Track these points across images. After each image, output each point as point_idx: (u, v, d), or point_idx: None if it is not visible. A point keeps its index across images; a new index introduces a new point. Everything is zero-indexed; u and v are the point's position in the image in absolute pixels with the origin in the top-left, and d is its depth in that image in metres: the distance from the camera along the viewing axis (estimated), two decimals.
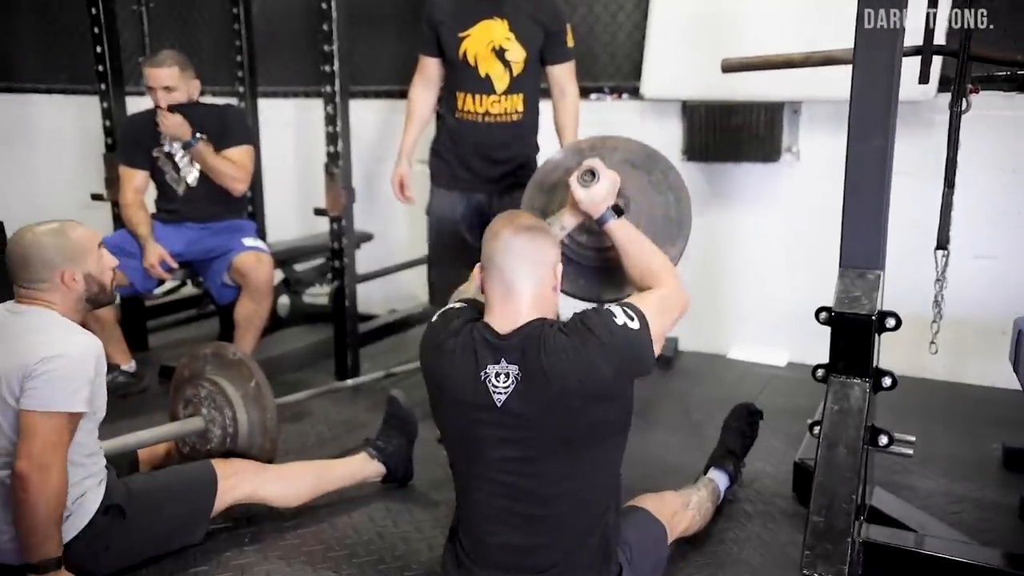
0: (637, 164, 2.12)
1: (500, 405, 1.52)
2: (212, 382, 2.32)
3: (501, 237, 1.57)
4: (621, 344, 1.52)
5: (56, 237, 1.81)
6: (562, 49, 2.60)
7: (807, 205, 3.37)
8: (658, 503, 1.89)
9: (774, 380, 3.31)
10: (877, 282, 1.78)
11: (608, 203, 1.85)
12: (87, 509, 1.83)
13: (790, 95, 3.23)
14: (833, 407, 1.77)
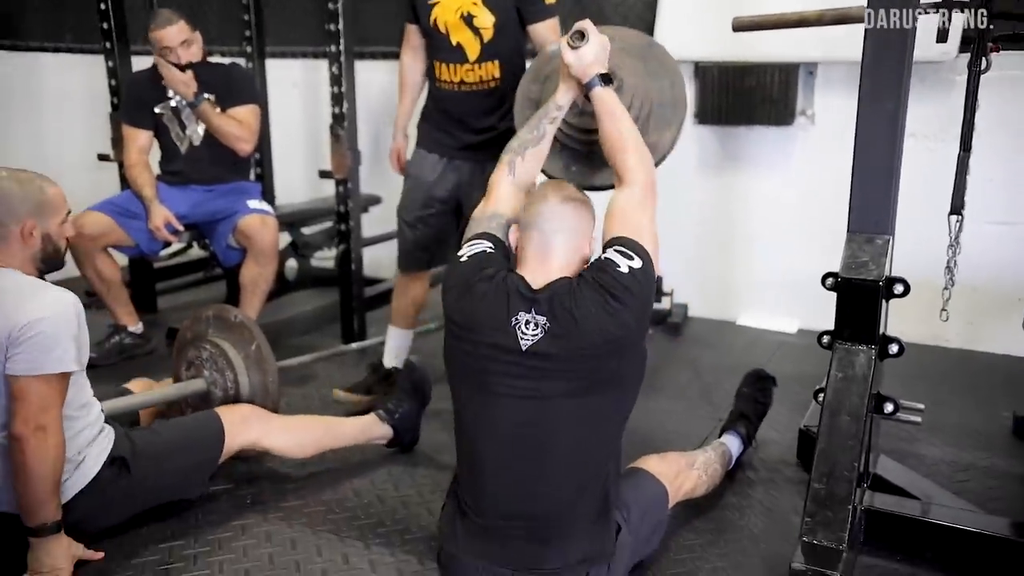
0: (633, 52, 2.09)
1: (525, 350, 1.55)
2: (214, 344, 2.32)
3: (548, 201, 1.65)
4: (635, 293, 1.57)
5: (28, 186, 1.76)
6: (538, 6, 2.46)
7: (821, 169, 3.29)
8: (660, 463, 1.89)
9: (783, 347, 3.28)
10: (885, 247, 1.74)
11: (597, 68, 1.81)
12: (92, 462, 1.83)
13: (806, 56, 3.14)
14: (837, 374, 1.75)
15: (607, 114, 1.81)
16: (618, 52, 1.99)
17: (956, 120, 1.97)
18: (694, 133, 3.48)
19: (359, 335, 3.28)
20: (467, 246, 1.70)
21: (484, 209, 1.81)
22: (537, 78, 2.16)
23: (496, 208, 1.79)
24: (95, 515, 1.86)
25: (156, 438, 1.99)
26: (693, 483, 1.94)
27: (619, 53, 2.01)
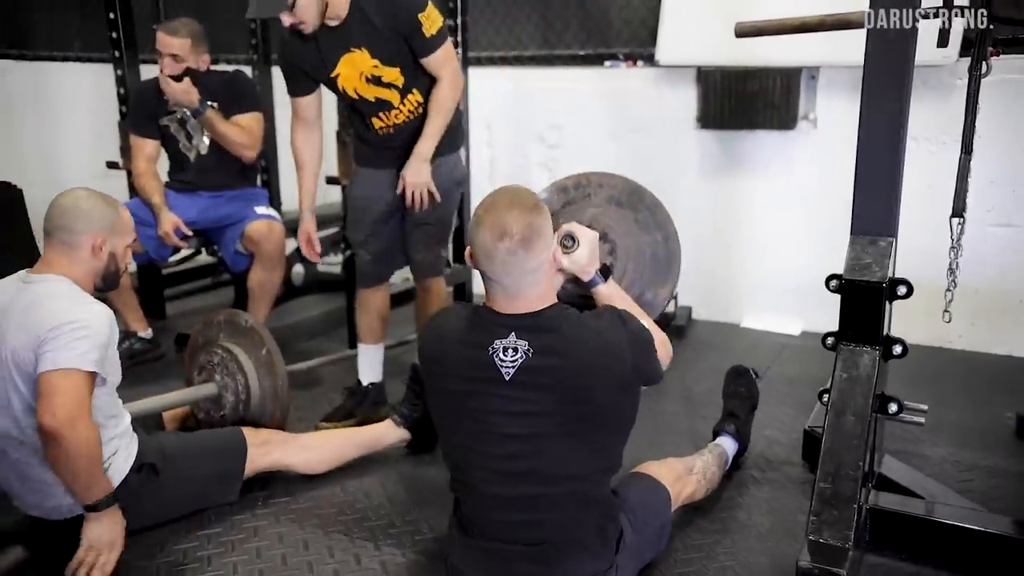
0: (623, 202, 2.07)
1: (508, 379, 1.51)
2: (225, 349, 2.35)
3: (496, 257, 1.49)
4: (637, 332, 1.57)
5: (107, 206, 1.88)
6: (423, 42, 2.34)
7: (823, 173, 3.32)
8: (661, 468, 1.90)
9: (787, 349, 3.30)
10: (889, 249, 1.76)
11: (594, 265, 1.76)
12: (120, 468, 1.88)
13: (807, 60, 3.17)
14: (842, 375, 1.77)
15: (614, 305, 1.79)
16: (606, 203, 2.01)
17: (956, 123, 1.99)
18: (696, 138, 3.51)
19: None
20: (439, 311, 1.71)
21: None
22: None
23: None
24: (129, 517, 1.88)
25: (184, 445, 2.04)
26: (693, 488, 1.96)
27: (608, 205, 2.01)
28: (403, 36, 2.32)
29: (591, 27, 3.65)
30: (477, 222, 1.52)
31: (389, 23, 2.29)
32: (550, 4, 3.74)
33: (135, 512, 1.91)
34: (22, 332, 1.74)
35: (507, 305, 1.55)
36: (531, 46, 3.81)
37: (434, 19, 2.33)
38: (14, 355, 1.75)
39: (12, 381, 1.76)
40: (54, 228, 1.82)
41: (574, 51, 3.71)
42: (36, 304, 1.76)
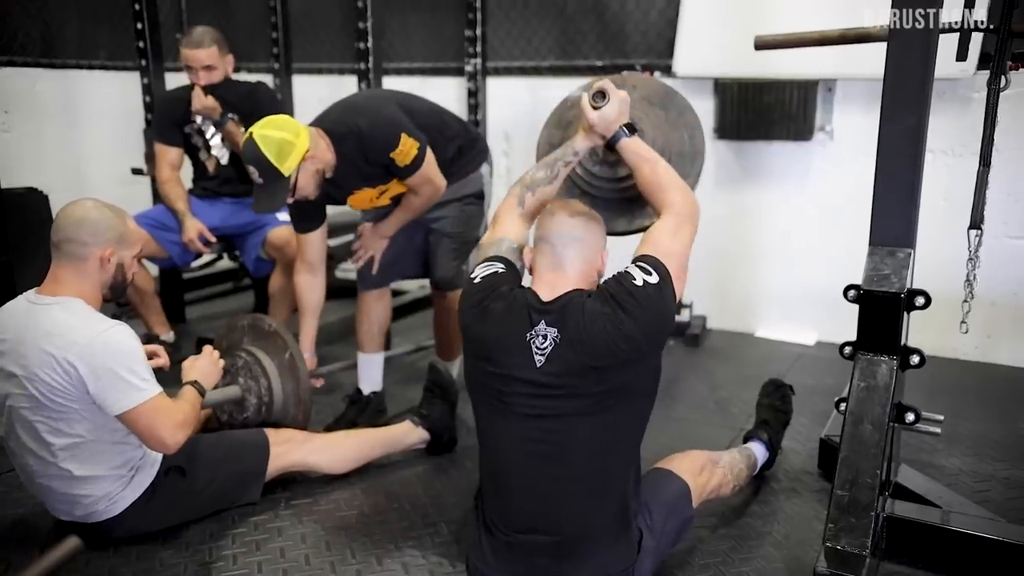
0: (655, 102, 2.14)
1: (539, 366, 1.59)
2: (249, 353, 2.39)
3: (557, 216, 1.70)
4: (646, 306, 1.59)
5: (115, 217, 1.87)
6: (399, 171, 2.40)
7: (840, 184, 3.34)
8: (683, 460, 1.91)
9: (802, 358, 3.31)
10: (907, 260, 1.78)
11: (621, 121, 1.87)
12: (148, 471, 1.93)
13: (824, 73, 3.20)
14: (860, 384, 1.78)
15: (639, 160, 1.86)
16: (640, 102, 2.06)
17: (973, 136, 2.01)
18: (713, 148, 3.53)
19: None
20: (479, 268, 1.76)
21: (492, 236, 1.87)
22: (560, 124, 2.21)
23: (504, 234, 1.85)
24: (153, 519, 1.95)
25: (209, 447, 2.07)
26: (719, 480, 1.96)
27: (641, 103, 2.06)
28: (385, 166, 2.39)
29: (608, 38, 3.69)
30: (548, 209, 1.77)
31: (371, 162, 2.36)
32: (568, 16, 3.79)
33: (164, 512, 1.96)
34: (45, 361, 1.74)
35: (548, 278, 1.67)
36: (549, 56, 3.86)
37: (407, 151, 2.35)
38: (31, 381, 1.76)
39: (28, 408, 1.78)
40: (62, 241, 1.80)
41: (592, 62, 3.75)
42: (56, 334, 1.75)
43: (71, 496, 1.87)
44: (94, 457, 1.84)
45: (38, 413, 1.79)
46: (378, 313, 2.72)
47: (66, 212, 1.84)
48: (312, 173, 2.27)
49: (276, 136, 2.18)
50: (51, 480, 1.85)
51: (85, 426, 1.81)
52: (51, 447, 1.81)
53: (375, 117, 2.36)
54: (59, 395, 1.76)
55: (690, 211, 1.79)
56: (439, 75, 3.98)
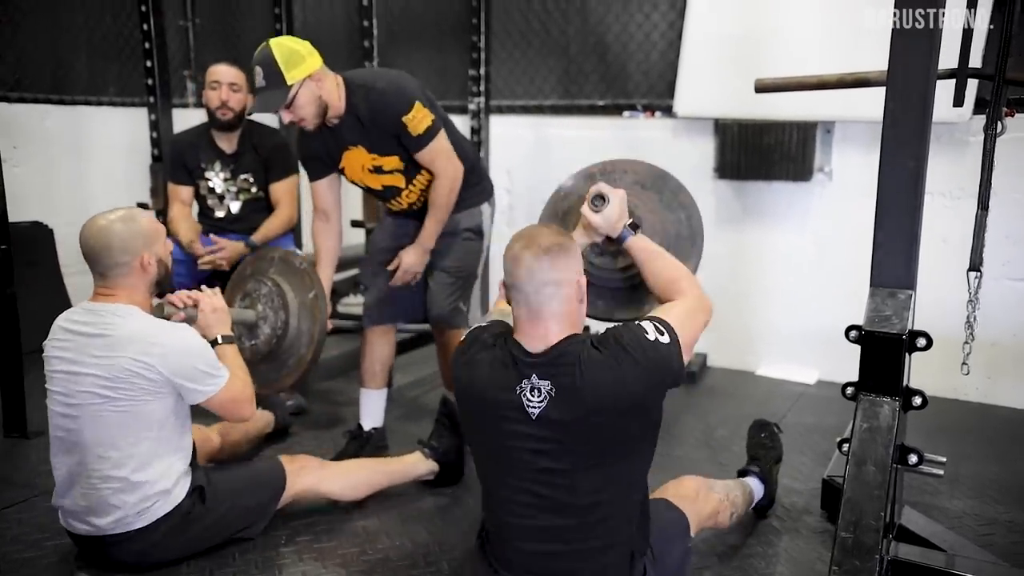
0: (647, 185, 2.14)
1: (535, 418, 1.55)
2: (275, 283, 2.38)
3: (523, 263, 1.56)
4: (654, 360, 1.56)
5: (130, 223, 1.91)
6: (410, 141, 2.40)
7: (839, 224, 3.38)
8: (677, 487, 1.90)
9: (803, 398, 3.31)
10: (908, 302, 1.80)
11: (624, 221, 1.88)
12: (179, 491, 1.95)
13: (823, 115, 3.25)
14: (862, 425, 1.78)
15: (647, 257, 1.88)
16: (632, 187, 2.08)
17: (970, 178, 2.04)
18: (713, 187, 3.58)
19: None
20: (468, 331, 1.75)
21: (489, 313, 1.89)
22: (555, 215, 2.22)
23: (501, 308, 1.82)
24: (172, 542, 1.95)
25: (228, 475, 2.09)
26: (715, 506, 1.94)
27: (633, 188, 2.09)
28: (393, 134, 2.40)
29: (610, 78, 3.75)
30: (512, 241, 1.63)
31: (377, 123, 2.39)
32: (571, 56, 3.85)
33: (180, 538, 1.96)
34: (123, 364, 1.82)
35: (530, 330, 1.58)
36: (552, 96, 3.92)
37: (420, 119, 2.37)
38: (105, 385, 1.84)
39: (97, 409, 1.85)
40: (105, 269, 1.89)
41: (593, 101, 3.80)
42: (135, 339, 1.84)
43: (115, 503, 1.88)
44: (152, 463, 1.89)
45: (109, 413, 1.84)
46: (382, 350, 2.72)
47: (90, 244, 1.89)
48: (314, 99, 2.30)
49: (290, 45, 2.27)
50: (101, 483, 1.87)
51: (153, 431, 1.88)
52: (117, 449, 1.86)
53: (396, 81, 2.41)
54: (134, 399, 1.85)
55: (705, 304, 1.79)
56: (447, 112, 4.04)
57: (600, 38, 3.72)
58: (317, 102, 2.33)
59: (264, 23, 4.31)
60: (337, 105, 2.37)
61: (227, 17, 4.56)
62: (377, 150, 2.45)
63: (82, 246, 1.90)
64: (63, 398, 1.90)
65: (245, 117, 3.16)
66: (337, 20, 4.26)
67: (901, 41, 1.73)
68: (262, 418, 2.70)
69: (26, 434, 2.77)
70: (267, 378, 2.45)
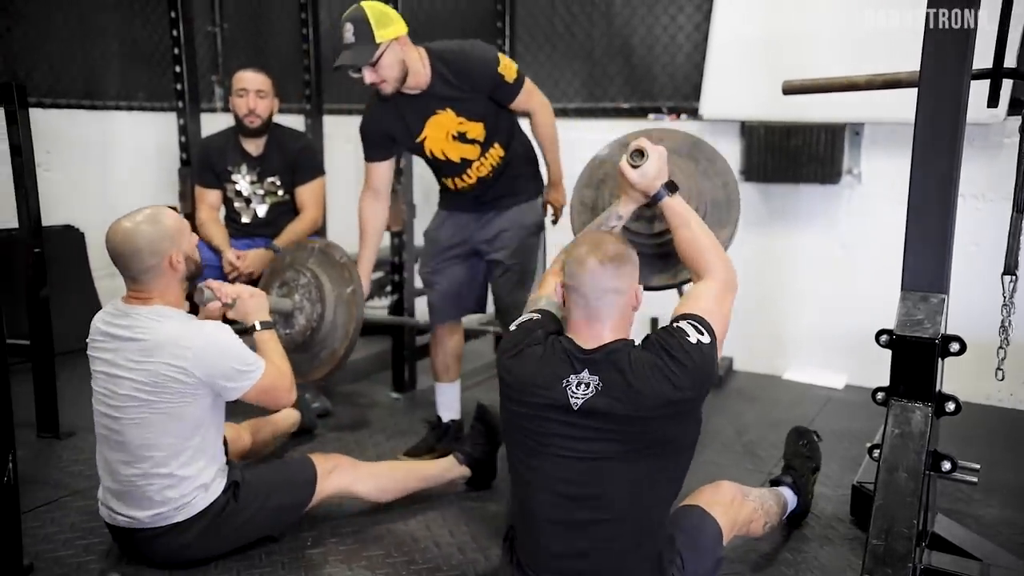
0: (683, 153, 2.14)
1: (577, 408, 1.58)
2: (314, 275, 2.39)
3: (587, 266, 1.62)
4: (699, 363, 1.59)
5: (155, 224, 1.92)
6: (506, 89, 2.48)
7: (868, 227, 3.33)
8: (713, 493, 1.88)
9: (831, 402, 3.27)
10: (941, 306, 1.76)
11: (662, 179, 1.86)
12: (216, 487, 1.98)
13: (851, 117, 3.21)
14: (894, 431, 1.76)
15: (681, 222, 1.87)
16: (669, 154, 2.05)
17: (1004, 180, 2.01)
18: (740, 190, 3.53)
19: (410, 383, 3.35)
20: (519, 319, 1.78)
21: (536, 296, 1.90)
22: (590, 183, 2.22)
23: (547, 294, 1.86)
24: (206, 540, 1.97)
25: (261, 473, 2.11)
26: (748, 514, 1.92)
27: (669, 156, 2.05)
28: (486, 93, 2.47)
29: (635, 81, 3.74)
30: (574, 245, 1.69)
31: (470, 84, 2.45)
32: (595, 58, 3.85)
33: (213, 536, 1.98)
34: (160, 366, 1.85)
35: (585, 330, 1.64)
36: (576, 99, 3.91)
37: (509, 66, 2.50)
38: (146, 385, 1.87)
39: (140, 408, 1.88)
40: (136, 273, 1.91)
41: (618, 104, 3.79)
42: (169, 342, 1.86)
43: (157, 498, 1.91)
44: (193, 460, 1.93)
45: (150, 415, 1.88)
46: (452, 344, 2.79)
47: (118, 249, 1.90)
48: (398, 61, 2.37)
49: (381, 8, 2.36)
50: (143, 479, 1.91)
51: (193, 431, 1.92)
52: (159, 449, 1.89)
53: (474, 43, 2.52)
54: (172, 401, 1.88)
55: (732, 280, 1.80)
56: None
57: (625, 41, 3.70)
58: (400, 65, 2.38)
59: (290, 28, 4.35)
60: (421, 72, 2.42)
61: (254, 22, 4.61)
62: (465, 113, 2.49)
63: (109, 251, 1.92)
64: (105, 398, 1.93)
65: (272, 121, 3.19)
66: None
67: (934, 41, 1.70)
68: (290, 416, 2.73)
69: (58, 434, 2.81)
70: (298, 369, 2.44)
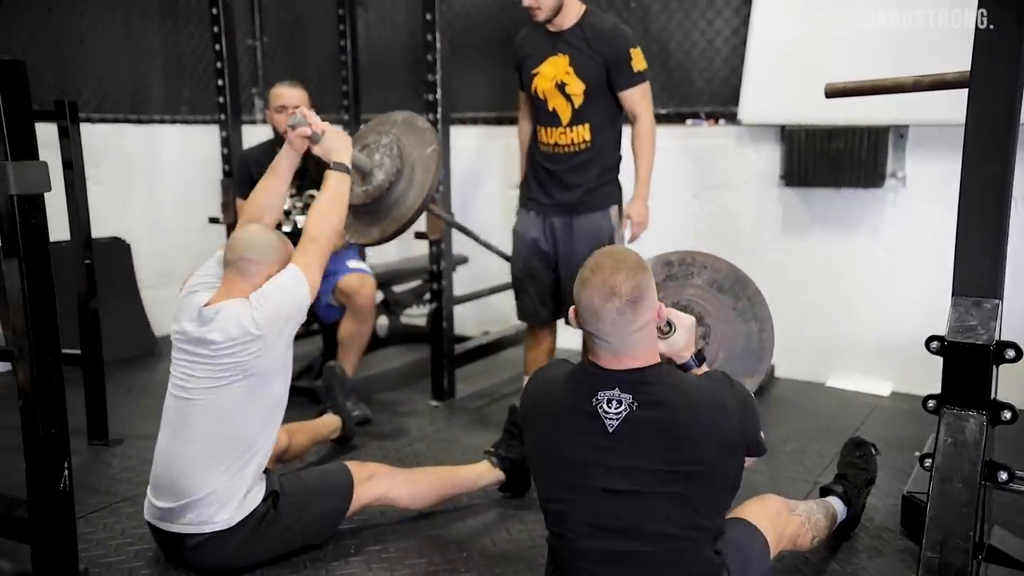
0: (724, 288, 2.07)
1: (612, 431, 1.52)
2: (397, 136, 2.43)
3: (605, 318, 1.51)
4: (744, 395, 1.58)
5: (276, 240, 2.08)
6: (626, 74, 2.66)
7: (913, 231, 3.27)
8: (760, 506, 1.83)
9: (877, 410, 3.21)
10: (995, 311, 1.72)
11: (690, 350, 1.76)
12: (254, 495, 2.00)
13: (896, 119, 3.15)
14: (947, 440, 1.71)
15: None
16: (707, 287, 2.03)
17: None
18: (780, 195, 3.51)
19: (449, 391, 3.36)
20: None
21: None
22: None
23: None
24: (248, 548, 2.00)
25: (299, 482, 2.12)
26: (795, 528, 1.87)
27: (709, 289, 2.04)
28: (608, 64, 2.63)
29: (672, 86, 3.72)
30: (583, 283, 1.54)
31: (601, 48, 2.64)
32: None
33: (254, 546, 2.00)
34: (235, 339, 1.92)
35: (613, 362, 1.56)
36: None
37: (641, 58, 2.68)
38: (207, 383, 1.94)
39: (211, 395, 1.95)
40: (237, 259, 2.00)
41: (656, 110, 3.74)
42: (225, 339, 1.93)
43: (216, 496, 1.94)
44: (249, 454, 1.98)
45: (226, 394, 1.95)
46: (548, 343, 2.94)
47: (238, 235, 2.07)
48: None
49: None
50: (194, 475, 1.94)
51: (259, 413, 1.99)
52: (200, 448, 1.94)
53: (626, 27, 2.75)
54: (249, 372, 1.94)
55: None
56: (504, 124, 4.06)
57: (663, 46, 3.68)
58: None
59: (329, 40, 4.41)
60: (570, 15, 2.65)
61: (293, 35, 4.69)
62: (576, 66, 2.65)
63: (231, 239, 2.07)
64: (182, 382, 1.99)
65: None
66: (400, 36, 4.34)
67: (985, 40, 1.66)
68: (330, 423, 2.76)
69: (108, 442, 2.86)
70: (372, 224, 2.49)
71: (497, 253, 3.18)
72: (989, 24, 1.63)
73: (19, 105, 1.67)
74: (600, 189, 2.78)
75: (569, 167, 2.74)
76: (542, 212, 2.82)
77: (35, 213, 1.71)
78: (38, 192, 1.71)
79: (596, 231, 2.75)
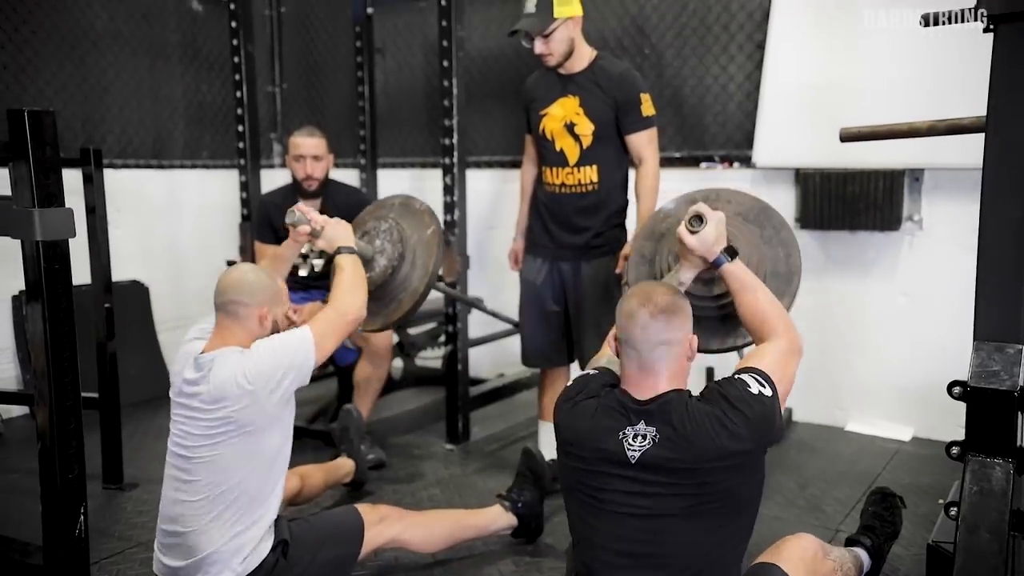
0: (750, 218, 2.11)
1: (635, 462, 1.55)
2: (396, 221, 2.45)
3: (637, 320, 1.60)
4: (760, 414, 1.56)
5: (266, 278, 2.04)
6: (634, 118, 2.68)
7: (931, 275, 3.25)
8: (797, 548, 1.76)
9: (897, 455, 3.16)
10: (1018, 356, 1.70)
11: (721, 245, 1.85)
12: (265, 545, 1.97)
13: (911, 162, 3.16)
14: (972, 488, 1.68)
15: (741, 287, 1.85)
16: (734, 217, 2.05)
17: None
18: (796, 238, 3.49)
19: (464, 434, 3.34)
20: (577, 375, 1.78)
21: (598, 355, 1.91)
22: (651, 236, 2.22)
23: (608, 353, 1.87)
24: None
25: (308, 528, 2.09)
26: (827, 573, 1.81)
27: (735, 219, 2.06)
28: (618, 107, 2.66)
29: (687, 130, 3.75)
30: (626, 297, 1.67)
31: (612, 90, 2.67)
32: None
33: None
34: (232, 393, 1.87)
35: (639, 381, 1.62)
36: None
37: (650, 104, 2.71)
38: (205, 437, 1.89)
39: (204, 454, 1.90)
40: (226, 302, 1.97)
41: (670, 153, 3.79)
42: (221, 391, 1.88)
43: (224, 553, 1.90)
44: (255, 507, 1.93)
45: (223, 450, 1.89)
46: (559, 387, 2.86)
47: (227, 276, 2.02)
48: (567, 39, 2.64)
49: None
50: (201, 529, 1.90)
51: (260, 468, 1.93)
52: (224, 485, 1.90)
53: (636, 73, 2.78)
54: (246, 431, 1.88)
55: (797, 345, 1.77)
56: (519, 167, 4.10)
57: (677, 91, 3.73)
58: (568, 44, 2.65)
59: (347, 87, 4.50)
60: (582, 59, 2.70)
61: (312, 81, 4.78)
62: (586, 107, 2.69)
63: (219, 281, 2.00)
64: (179, 439, 1.96)
65: (328, 178, 3.28)
66: (416, 83, 4.41)
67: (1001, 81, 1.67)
68: (343, 466, 2.73)
69: (122, 486, 2.86)
70: (378, 311, 2.48)
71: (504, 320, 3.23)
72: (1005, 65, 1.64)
73: (47, 153, 1.71)
74: (607, 233, 2.78)
75: (576, 208, 2.75)
76: (549, 258, 2.82)
77: (59, 259, 1.73)
78: (63, 238, 1.74)
79: (605, 276, 2.75)
